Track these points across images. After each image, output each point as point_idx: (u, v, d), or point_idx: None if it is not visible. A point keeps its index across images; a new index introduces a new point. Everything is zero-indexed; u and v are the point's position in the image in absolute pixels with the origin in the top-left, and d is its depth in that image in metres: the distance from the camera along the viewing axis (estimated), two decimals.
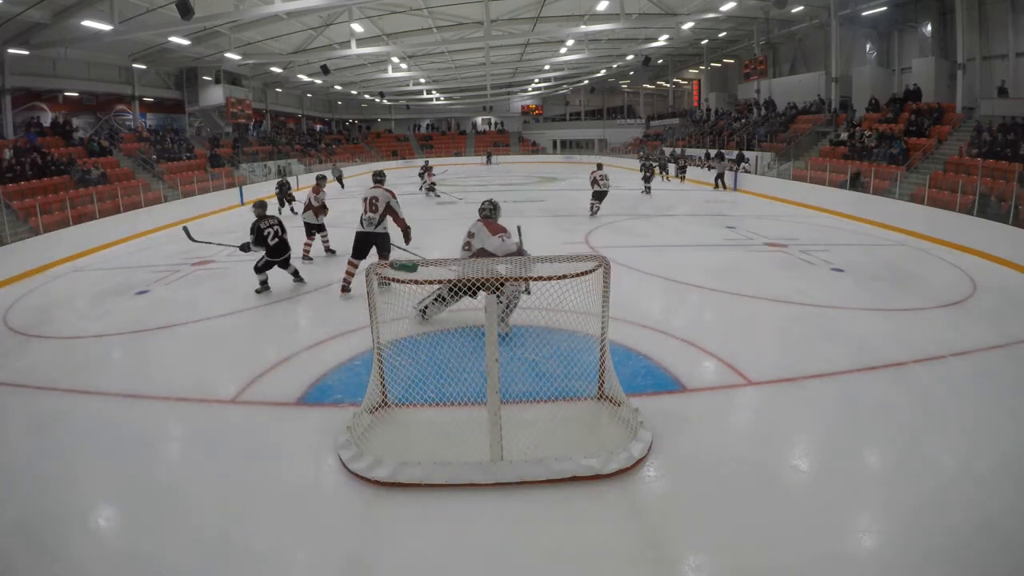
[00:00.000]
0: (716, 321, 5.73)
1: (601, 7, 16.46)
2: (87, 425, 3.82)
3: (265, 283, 6.73)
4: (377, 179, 6.58)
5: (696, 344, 4.83)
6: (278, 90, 30.12)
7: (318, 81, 26.58)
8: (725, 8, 16.52)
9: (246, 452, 3.41)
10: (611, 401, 3.63)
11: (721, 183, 18.00)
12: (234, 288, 7.03)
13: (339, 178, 21.15)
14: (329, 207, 8.83)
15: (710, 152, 21.26)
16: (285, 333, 5.60)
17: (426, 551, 2.61)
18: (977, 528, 2.66)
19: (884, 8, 17.21)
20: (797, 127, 19.55)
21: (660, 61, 31.52)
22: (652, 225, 11.38)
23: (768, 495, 2.93)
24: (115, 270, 8.66)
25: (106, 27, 13.23)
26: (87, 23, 13.18)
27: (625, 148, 32.67)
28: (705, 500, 2.90)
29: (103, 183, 13.57)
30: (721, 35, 24.92)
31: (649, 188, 16.58)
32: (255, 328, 5.81)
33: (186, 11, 12.07)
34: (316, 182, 8.98)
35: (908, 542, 2.61)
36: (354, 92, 32.70)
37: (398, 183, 10.53)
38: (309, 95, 33.48)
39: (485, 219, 5.11)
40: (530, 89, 38.18)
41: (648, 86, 39.17)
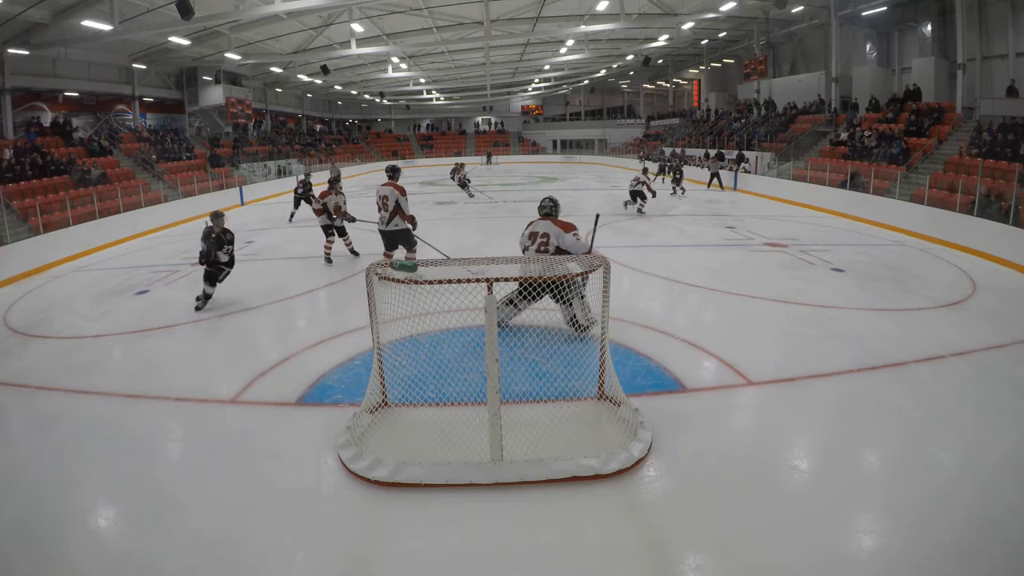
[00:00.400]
0: (716, 321, 5.74)
1: (601, 7, 16.45)
2: (87, 425, 3.82)
3: (209, 297, 6.29)
4: (390, 174, 6.63)
5: (696, 344, 4.83)
6: (278, 90, 30.10)
7: (318, 81, 26.55)
8: (725, 8, 16.48)
9: (246, 452, 3.41)
10: (611, 401, 3.63)
11: (718, 181, 17.84)
12: (234, 288, 7.02)
13: (336, 179, 21.00)
14: (344, 208, 8.50)
15: (709, 152, 21.24)
16: (285, 333, 5.60)
17: (426, 551, 2.60)
18: (977, 528, 2.66)
19: (884, 8, 17.21)
20: (797, 127, 19.53)
21: (660, 61, 31.52)
22: (652, 225, 11.37)
23: (768, 495, 2.93)
24: (115, 270, 8.66)
25: (106, 27, 13.23)
26: (87, 23, 13.17)
27: (625, 148, 32.64)
28: (705, 500, 2.90)
29: (103, 183, 13.57)
30: (721, 35, 24.91)
31: (683, 188, 16.21)
32: (255, 328, 5.81)
33: (186, 11, 12.06)
34: (329, 184, 8.85)
35: (908, 542, 2.61)
36: (354, 92, 32.68)
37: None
38: (309, 95, 33.46)
39: (546, 216, 5.04)
40: (530, 89, 38.17)
41: (648, 86, 39.17)
